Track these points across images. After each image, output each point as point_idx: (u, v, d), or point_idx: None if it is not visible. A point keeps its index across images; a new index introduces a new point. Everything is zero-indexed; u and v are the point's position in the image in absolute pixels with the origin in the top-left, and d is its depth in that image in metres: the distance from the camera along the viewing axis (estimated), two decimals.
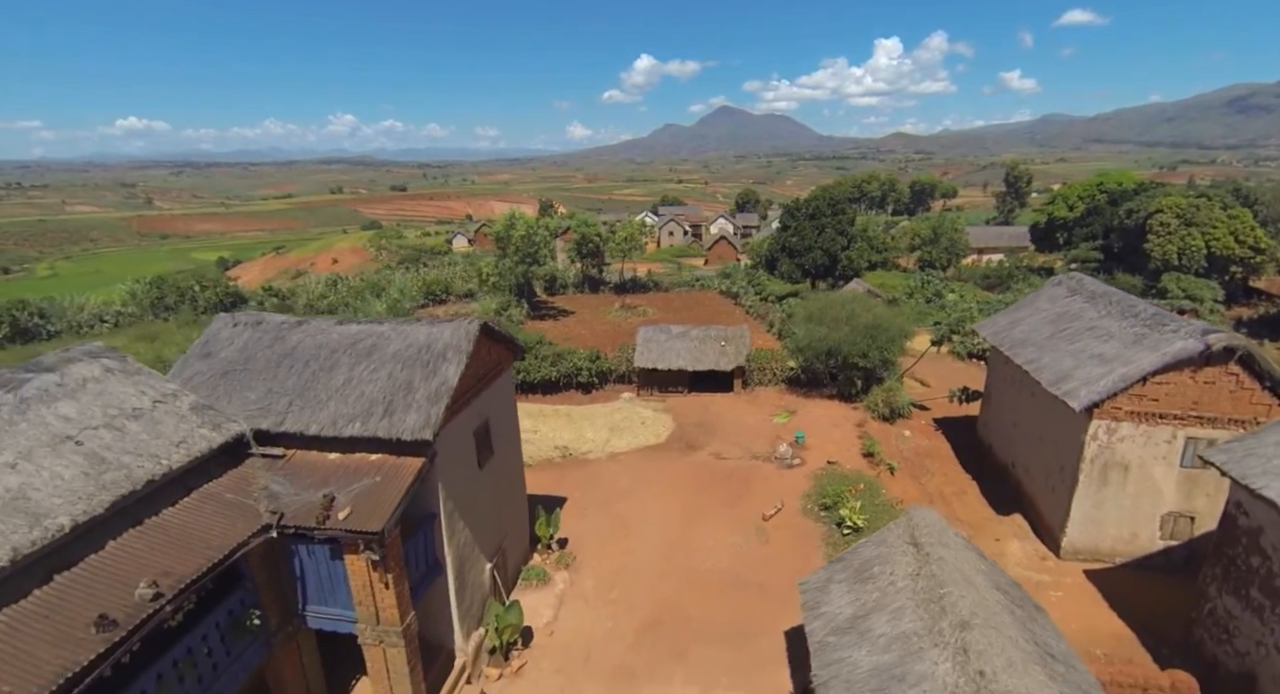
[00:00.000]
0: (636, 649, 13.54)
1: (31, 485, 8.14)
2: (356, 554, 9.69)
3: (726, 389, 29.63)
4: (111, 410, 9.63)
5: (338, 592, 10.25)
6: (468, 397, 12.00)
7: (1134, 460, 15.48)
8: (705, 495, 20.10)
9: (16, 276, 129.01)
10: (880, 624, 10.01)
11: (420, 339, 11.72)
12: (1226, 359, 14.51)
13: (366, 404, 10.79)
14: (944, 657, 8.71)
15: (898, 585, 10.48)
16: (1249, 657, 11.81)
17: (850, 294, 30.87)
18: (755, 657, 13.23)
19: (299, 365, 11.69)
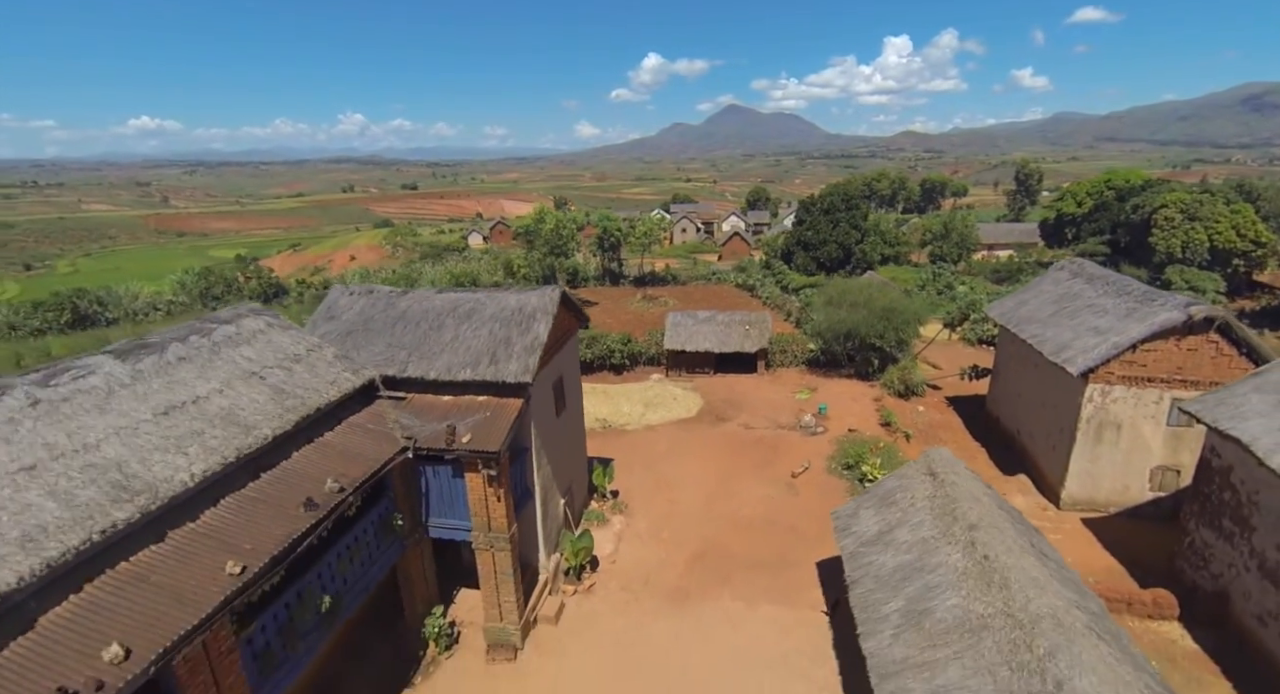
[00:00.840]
0: (688, 574, 15.70)
1: (238, 406, 10.39)
2: (475, 472, 11.88)
3: (750, 370, 31.72)
4: (280, 355, 11.89)
5: (457, 505, 12.45)
6: (550, 353, 14.16)
7: (1125, 420, 17.47)
8: (737, 458, 22.23)
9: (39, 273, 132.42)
10: (902, 535, 12.10)
11: (512, 303, 13.92)
12: (1206, 328, 16.48)
13: (474, 355, 12.99)
14: (955, 549, 10.81)
15: (917, 505, 12.58)
16: (1222, 578, 13.79)
17: (867, 280, 32.92)
18: (791, 581, 15.34)
19: (411, 325, 13.92)
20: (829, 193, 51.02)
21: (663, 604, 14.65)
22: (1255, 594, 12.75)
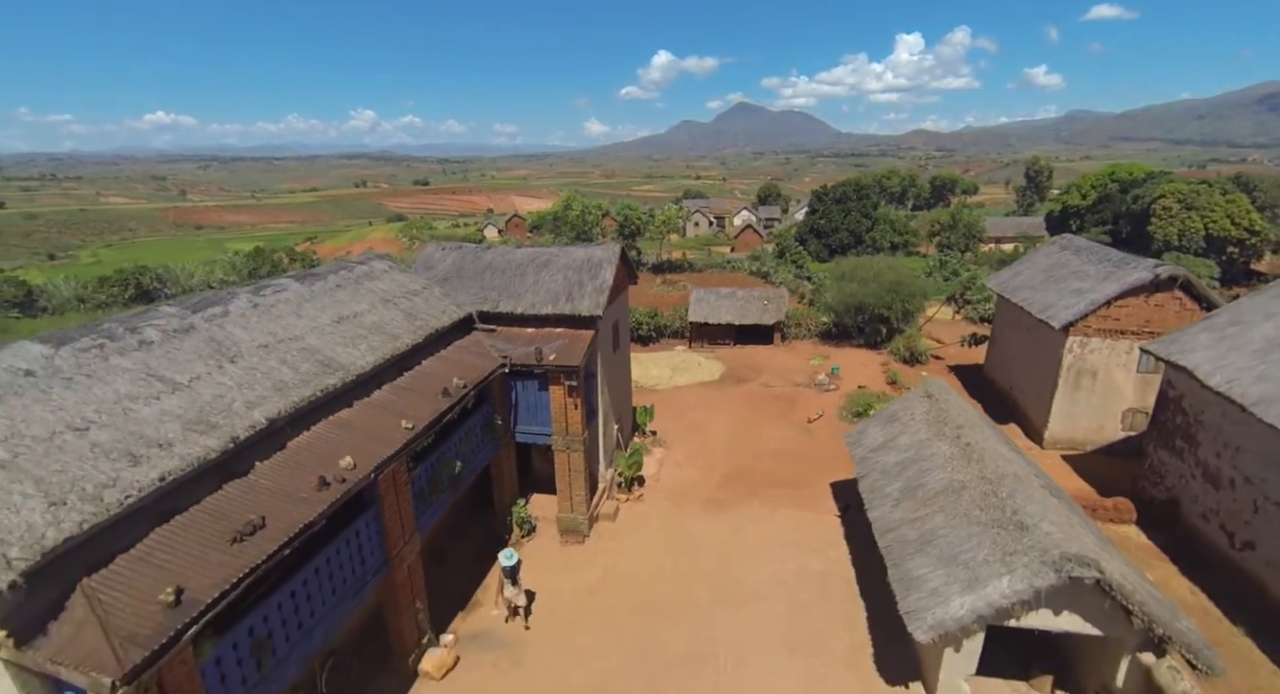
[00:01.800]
0: (721, 489, 18.53)
1: (384, 321, 13.30)
2: (558, 385, 14.76)
3: (767, 342, 34.48)
4: (402, 289, 14.82)
5: (540, 414, 15.33)
6: (611, 297, 16.98)
7: (1100, 368, 20.10)
8: (758, 409, 25.02)
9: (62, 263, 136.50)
10: (903, 440, 14.88)
11: (581, 255, 16.78)
12: (1171, 286, 19.10)
13: (552, 294, 15.86)
14: (945, 443, 13.60)
15: (915, 419, 15.34)
16: (1174, 488, 16.43)
17: (876, 258, 35.58)
18: (808, 494, 18.13)
19: (497, 273, 16.81)
20: (841, 184, 53.66)
21: (700, 509, 17.49)
22: (1200, 496, 15.40)
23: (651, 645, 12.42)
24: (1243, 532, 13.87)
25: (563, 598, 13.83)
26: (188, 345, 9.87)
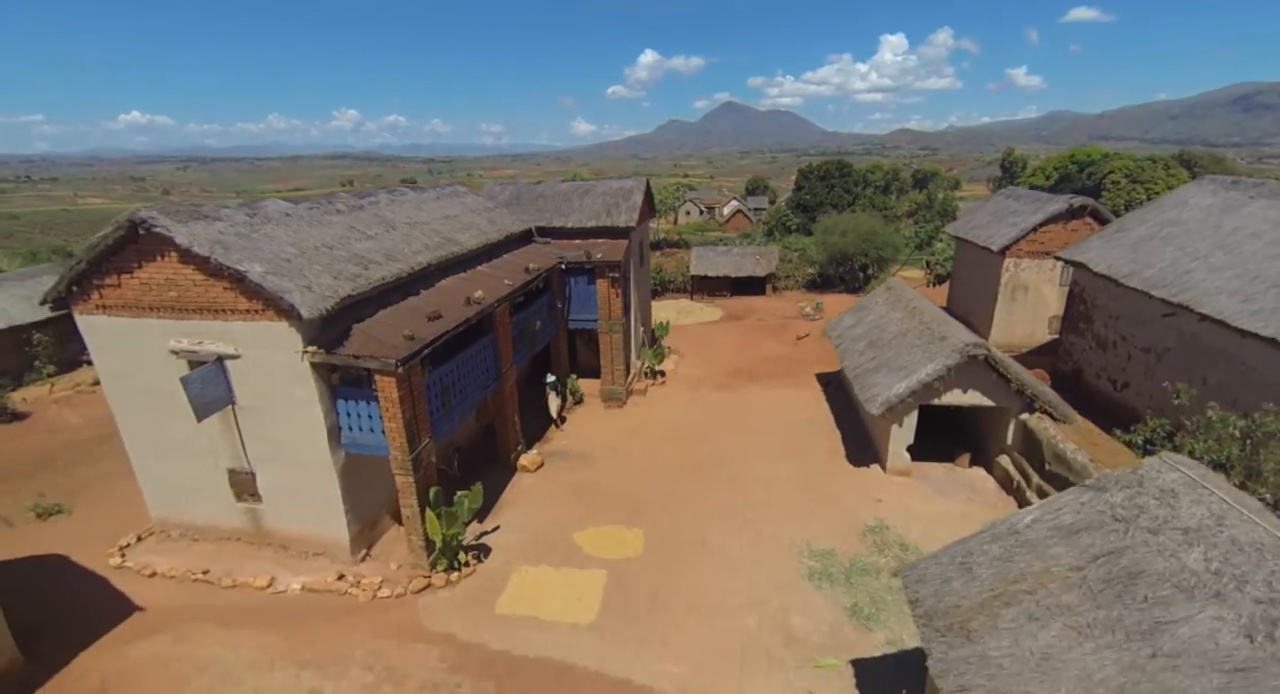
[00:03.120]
0: (727, 378, 22.98)
1: (475, 222, 17.58)
2: (603, 278, 19.11)
3: (760, 293, 39.02)
4: (481, 205, 19.12)
5: (588, 304, 19.67)
6: (636, 220, 21.33)
7: (1031, 283, 24.79)
8: (755, 334, 29.55)
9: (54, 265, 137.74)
10: (869, 318, 19.41)
11: (615, 185, 21.18)
12: (1083, 214, 23.85)
13: (595, 213, 20.21)
14: (899, 312, 18.12)
15: (879, 304, 19.89)
16: (1078, 360, 21.05)
17: (856, 214, 40.35)
18: (799, 379, 22.62)
19: (548, 200, 21.14)
20: (825, 163, 58.44)
21: (712, 389, 21.93)
22: (1094, 361, 20.04)
23: (682, 455, 16.82)
24: (1121, 377, 18.53)
25: (612, 434, 18.20)
26: (364, 216, 14.13)
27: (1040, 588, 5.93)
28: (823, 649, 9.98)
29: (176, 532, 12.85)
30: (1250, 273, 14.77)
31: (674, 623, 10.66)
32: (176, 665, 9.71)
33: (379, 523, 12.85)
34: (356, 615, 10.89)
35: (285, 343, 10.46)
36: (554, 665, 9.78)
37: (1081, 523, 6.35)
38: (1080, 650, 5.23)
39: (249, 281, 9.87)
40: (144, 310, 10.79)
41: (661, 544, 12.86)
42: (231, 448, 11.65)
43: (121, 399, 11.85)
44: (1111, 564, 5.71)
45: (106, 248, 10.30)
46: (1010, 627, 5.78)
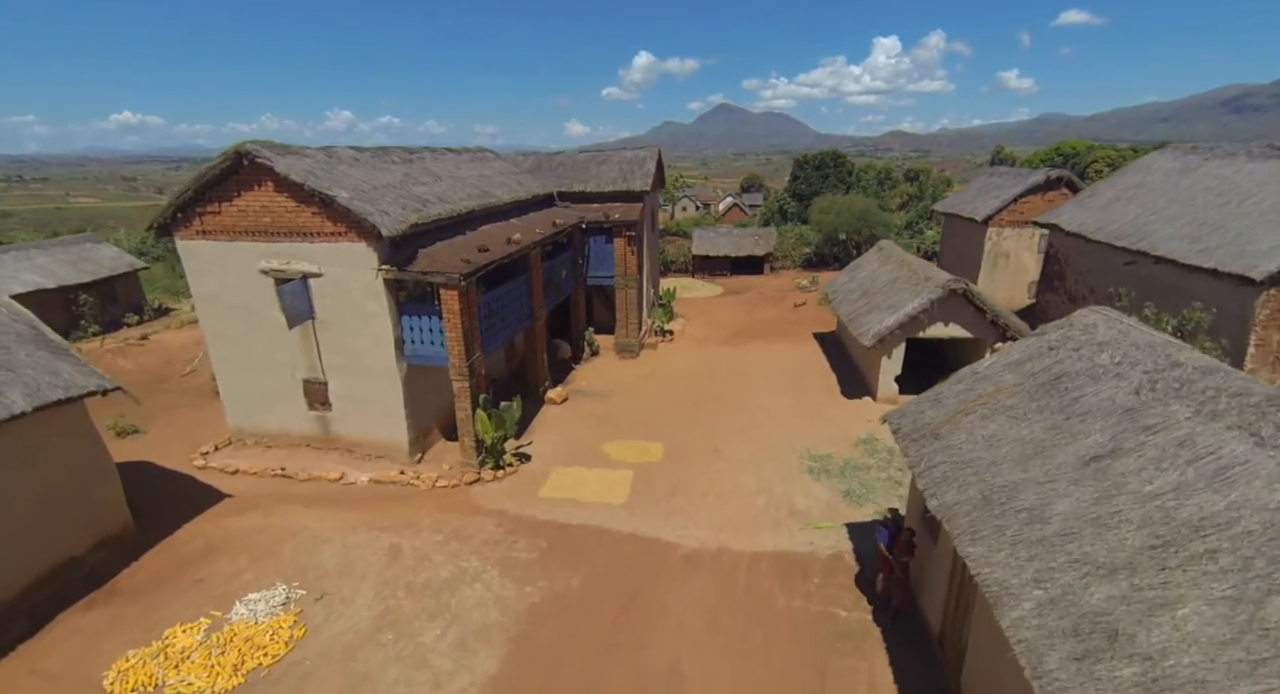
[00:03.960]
0: (731, 337, 24.78)
1: (506, 182, 19.29)
2: (620, 236, 20.87)
3: (759, 272, 40.83)
4: (509, 169, 20.84)
5: (605, 262, 21.43)
6: (650, 185, 23.09)
7: (1011, 251, 26.71)
8: (755, 303, 31.36)
9: None
10: (861, 275, 21.23)
11: (630, 154, 22.96)
12: (1059, 185, 25.80)
13: (612, 178, 21.97)
14: (890, 266, 19.95)
15: (871, 263, 21.74)
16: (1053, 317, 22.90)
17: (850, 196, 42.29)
18: (796, 338, 24.43)
19: (567, 168, 22.88)
20: (821, 153, 60.44)
21: (718, 346, 23.72)
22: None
23: (693, 391, 18.58)
24: None
25: (628, 377, 19.94)
26: (415, 168, 15.83)
27: (992, 400, 7.73)
28: (821, 517, 11.77)
29: (251, 440, 14.52)
30: (1199, 220, 16.69)
31: (694, 503, 12.41)
32: (271, 531, 11.38)
33: (430, 434, 14.55)
34: (420, 499, 12.61)
35: (363, 262, 12.16)
36: (594, 530, 11.53)
37: (1025, 356, 8.17)
38: (1017, 428, 7.03)
39: (337, 205, 11.58)
40: (239, 235, 12.47)
41: (679, 452, 14.62)
42: (308, 359, 13.34)
43: (212, 319, 13.52)
44: (1044, 374, 7.52)
45: (212, 177, 11.98)
46: (967, 425, 7.58)
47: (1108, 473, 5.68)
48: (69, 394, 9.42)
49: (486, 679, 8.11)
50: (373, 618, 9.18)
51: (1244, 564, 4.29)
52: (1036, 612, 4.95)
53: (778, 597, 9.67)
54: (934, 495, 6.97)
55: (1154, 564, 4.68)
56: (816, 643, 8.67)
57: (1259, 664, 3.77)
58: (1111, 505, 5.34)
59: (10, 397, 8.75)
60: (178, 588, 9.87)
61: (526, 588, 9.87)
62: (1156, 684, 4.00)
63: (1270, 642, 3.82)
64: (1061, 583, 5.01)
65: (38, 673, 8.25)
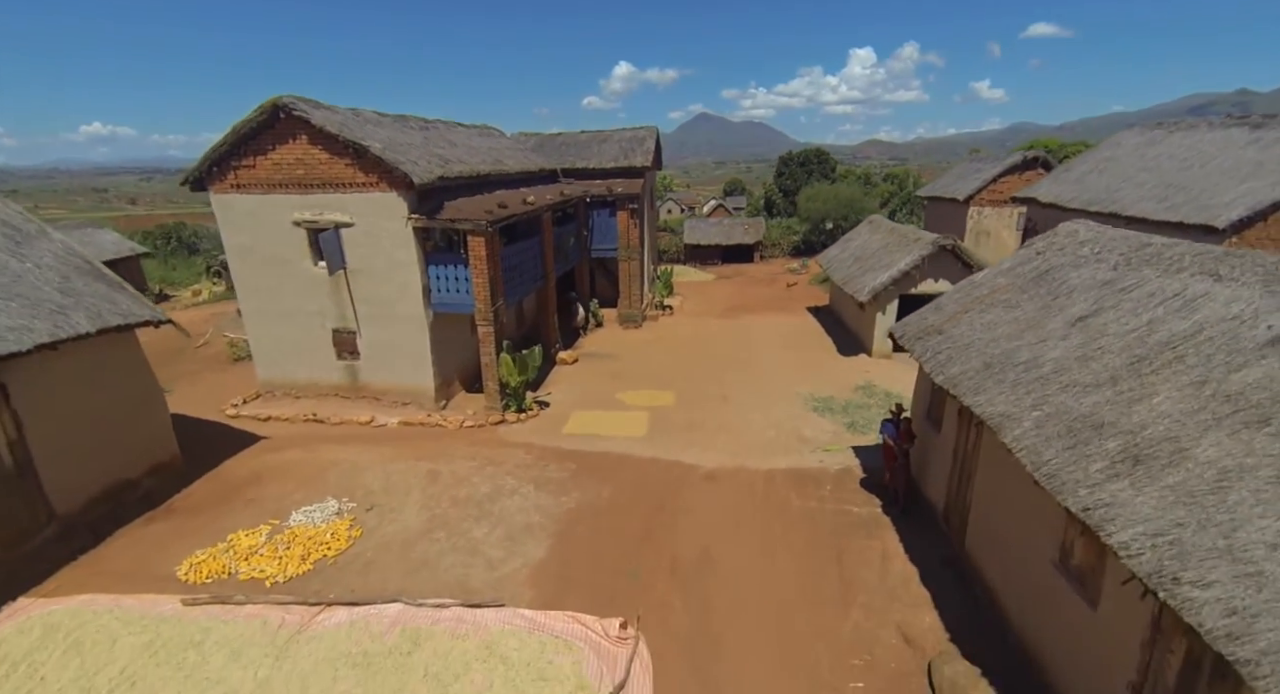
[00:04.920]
0: (728, 311, 25.72)
1: (515, 155, 20.08)
2: (623, 210, 21.73)
3: (749, 260, 41.94)
4: (516, 145, 21.63)
5: (609, 235, 22.26)
6: (650, 162, 23.98)
7: (992, 229, 28.05)
8: (748, 285, 32.40)
9: None
10: (854, 245, 22.31)
11: (629, 133, 23.90)
12: (1035, 165, 27.23)
13: (613, 155, 22.86)
14: (880, 234, 21.04)
15: (861, 234, 22.84)
16: None
17: (836, 185, 43.69)
18: (791, 311, 25.44)
19: (570, 146, 23.72)
20: (804, 150, 62.05)
21: (716, 318, 24.62)
22: None
23: (697, 352, 19.43)
24: None
25: (633, 343, 20.74)
26: (432, 135, 16.57)
27: (988, 298, 8.68)
28: (828, 443, 12.64)
29: (280, 391, 15.04)
30: (1165, 183, 18.00)
31: (708, 437, 13.22)
32: (312, 462, 11.96)
33: (451, 385, 15.20)
34: (449, 437, 13.25)
35: (394, 211, 12.86)
36: (617, 456, 12.28)
37: (1015, 263, 9.15)
38: (1011, 313, 7.97)
39: (370, 155, 12.28)
40: (273, 188, 13.10)
41: (690, 398, 15.43)
42: (338, 309, 13.94)
43: (245, 271, 14.08)
44: (1033, 271, 8.49)
45: (248, 131, 12.61)
46: (966, 320, 8.51)
47: (1091, 326, 6.62)
48: (126, 320, 9.98)
49: (536, 562, 8.81)
50: (423, 522, 9.82)
51: (1207, 359, 5.22)
52: (1034, 426, 5.84)
53: (794, 500, 10.49)
54: (939, 372, 7.86)
55: (1132, 375, 5.60)
56: (832, 531, 9.50)
57: (1222, 419, 4.67)
58: (1096, 346, 6.27)
59: (75, 318, 9.31)
60: (231, 506, 10.41)
61: (562, 498, 10.58)
62: (1137, 448, 4.89)
63: (1231, 403, 4.74)
64: (1055, 403, 5.92)
65: (106, 573, 8.76)
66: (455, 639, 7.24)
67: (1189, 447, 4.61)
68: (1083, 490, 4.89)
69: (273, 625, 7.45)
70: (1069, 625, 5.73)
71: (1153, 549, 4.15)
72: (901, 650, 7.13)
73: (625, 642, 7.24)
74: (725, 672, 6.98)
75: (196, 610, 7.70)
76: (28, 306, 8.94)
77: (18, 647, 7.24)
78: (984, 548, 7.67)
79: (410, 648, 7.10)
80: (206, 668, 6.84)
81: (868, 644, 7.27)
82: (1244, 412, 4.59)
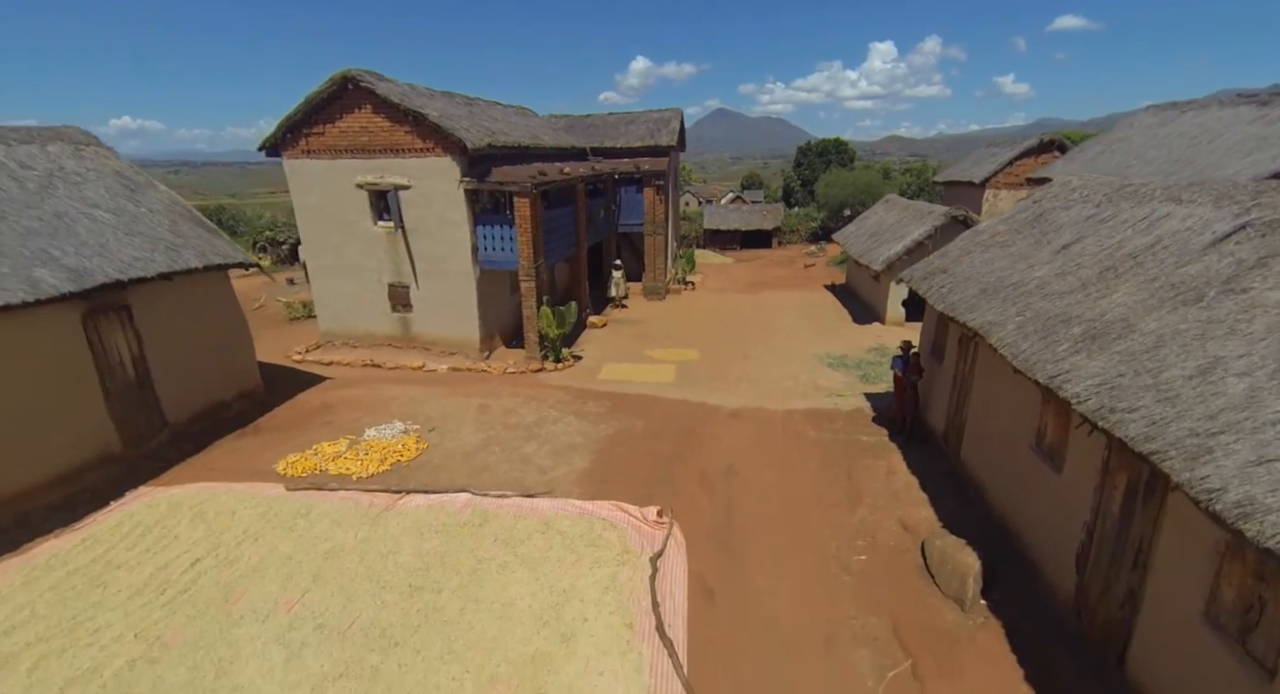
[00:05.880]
0: (748, 288, 26.80)
1: (550, 133, 21.30)
2: (650, 186, 22.88)
3: (767, 245, 42.87)
4: (550, 125, 22.85)
5: (635, 210, 23.44)
6: (675, 142, 25.06)
7: (1006, 209, 28.69)
8: (766, 266, 33.41)
9: None
10: (870, 222, 23.26)
11: (655, 115, 25.03)
12: (1051, 149, 27.87)
13: (640, 135, 24.01)
14: (896, 211, 21.96)
15: (877, 212, 23.76)
16: None
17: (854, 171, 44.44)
18: (809, 288, 26.44)
19: (598, 127, 24.89)
20: (822, 141, 62.64)
21: (736, 293, 25.73)
22: None
23: (720, 320, 20.57)
24: None
25: (658, 312, 21.93)
26: (474, 110, 17.83)
27: (988, 241, 9.73)
28: (841, 389, 13.74)
29: (339, 342, 16.47)
30: (1173, 158, 18.72)
31: (731, 385, 14.37)
32: (375, 396, 13.33)
33: (493, 338, 16.51)
34: (494, 380, 14.57)
35: (447, 174, 14.15)
36: (648, 397, 13.49)
37: (1016, 212, 10.19)
38: (1007, 250, 9.02)
39: (428, 122, 13.57)
40: (339, 153, 14.46)
41: (713, 356, 16.60)
42: (394, 265, 15.30)
43: (312, 231, 15.50)
44: (1029, 216, 9.52)
45: (319, 101, 13.98)
46: (967, 260, 9.57)
47: (1072, 250, 7.68)
48: (225, 261, 11.38)
49: (581, 470, 10.05)
50: (480, 440, 11.12)
51: (1160, 262, 6.28)
52: (1016, 328, 6.93)
53: (809, 432, 11.63)
54: (942, 301, 8.95)
55: (1100, 281, 6.67)
56: (843, 454, 10.63)
57: (1165, 301, 5.74)
58: (1074, 264, 7.34)
59: (185, 255, 10.71)
60: (310, 426, 11.80)
61: (600, 426, 11.82)
62: (1095, 328, 5.97)
63: (1174, 290, 5.80)
64: (1035, 308, 7.00)
65: (214, 470, 10.16)
66: (517, 518, 8.51)
67: (1136, 323, 5.69)
68: (1050, 365, 5.99)
69: (364, 505, 8.79)
70: (1040, 493, 6.83)
71: (1096, 395, 5.25)
72: (900, 534, 8.26)
73: (661, 525, 8.45)
74: (747, 550, 8.16)
75: (298, 493, 9.06)
76: (147, 243, 10.36)
77: (149, 516, 8.65)
78: (976, 454, 8.76)
79: (480, 522, 8.39)
80: (314, 530, 8.19)
81: (871, 531, 8.41)
82: (1183, 294, 5.65)
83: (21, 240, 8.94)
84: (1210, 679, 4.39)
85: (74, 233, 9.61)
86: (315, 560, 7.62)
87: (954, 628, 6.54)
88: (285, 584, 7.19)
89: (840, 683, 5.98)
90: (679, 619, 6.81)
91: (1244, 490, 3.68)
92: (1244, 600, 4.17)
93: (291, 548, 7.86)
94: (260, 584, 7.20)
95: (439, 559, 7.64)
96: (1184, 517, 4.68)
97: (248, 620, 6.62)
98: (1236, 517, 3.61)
